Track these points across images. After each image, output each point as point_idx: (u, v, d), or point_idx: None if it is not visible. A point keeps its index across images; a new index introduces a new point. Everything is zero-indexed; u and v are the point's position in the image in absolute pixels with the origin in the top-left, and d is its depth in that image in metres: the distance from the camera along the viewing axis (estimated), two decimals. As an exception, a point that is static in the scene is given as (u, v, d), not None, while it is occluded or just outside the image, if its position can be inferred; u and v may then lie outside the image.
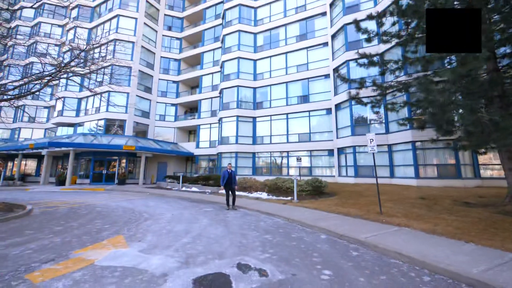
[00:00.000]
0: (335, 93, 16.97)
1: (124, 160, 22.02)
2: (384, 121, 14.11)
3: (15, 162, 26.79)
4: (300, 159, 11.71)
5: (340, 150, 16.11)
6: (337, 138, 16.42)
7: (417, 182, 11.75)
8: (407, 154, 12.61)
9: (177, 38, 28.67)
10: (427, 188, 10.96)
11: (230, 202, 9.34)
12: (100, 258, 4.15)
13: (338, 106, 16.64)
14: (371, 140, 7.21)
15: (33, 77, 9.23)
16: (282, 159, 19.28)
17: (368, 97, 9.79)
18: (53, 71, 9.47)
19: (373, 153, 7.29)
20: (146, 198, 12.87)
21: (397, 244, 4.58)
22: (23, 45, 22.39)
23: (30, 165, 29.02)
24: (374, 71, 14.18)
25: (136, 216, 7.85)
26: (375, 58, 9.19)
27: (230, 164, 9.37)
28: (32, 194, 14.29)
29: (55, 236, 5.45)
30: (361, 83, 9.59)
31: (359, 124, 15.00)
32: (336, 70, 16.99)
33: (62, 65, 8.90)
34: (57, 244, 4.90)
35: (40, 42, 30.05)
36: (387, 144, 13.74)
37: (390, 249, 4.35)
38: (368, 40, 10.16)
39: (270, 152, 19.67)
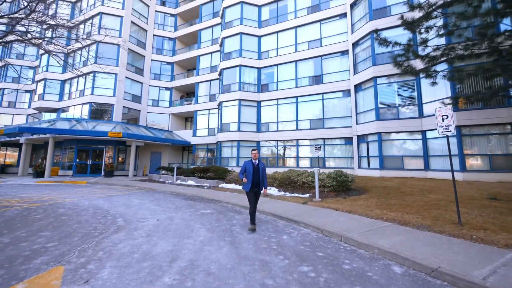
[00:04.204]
0: (355, 72, 14.54)
1: (112, 150, 19.65)
2: (417, 103, 11.80)
3: (-6, 151, 24.39)
4: (320, 147, 9.50)
5: (361, 138, 13.84)
6: (356, 124, 14.11)
7: (463, 175, 9.58)
8: (450, 142, 10.37)
9: (172, 15, 25.75)
10: (479, 183, 8.80)
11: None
12: None
13: (358, 87, 14.25)
14: (444, 117, 4.92)
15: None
16: (288, 148, 17.03)
17: (425, 69, 7.33)
18: None
19: (447, 137, 5.02)
20: (132, 193, 10.65)
21: None
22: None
23: (12, 155, 26.64)
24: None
25: (105, 224, 5.61)
26: (436, 13, 6.70)
27: (255, 150, 5.47)
28: (-4, 188, 12.01)
29: None
30: (409, 46, 7.21)
31: (385, 107, 12.67)
32: (356, 44, 14.52)
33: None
34: None
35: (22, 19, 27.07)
36: (421, 130, 11.49)
37: None
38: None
39: (277, 140, 17.38)
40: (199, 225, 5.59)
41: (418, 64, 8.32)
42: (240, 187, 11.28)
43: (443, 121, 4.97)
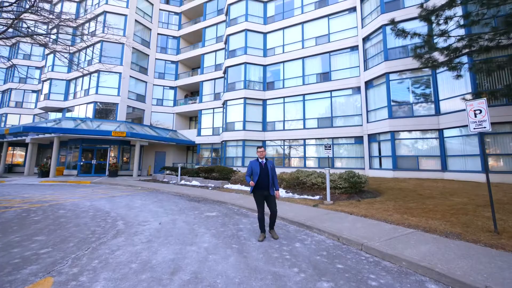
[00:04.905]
0: (365, 68, 13.97)
1: (116, 149, 19.48)
2: (433, 100, 11.18)
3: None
4: (330, 147, 9.02)
5: (372, 137, 13.27)
6: (367, 122, 13.55)
7: (485, 177, 8.95)
8: (470, 141, 9.76)
9: (176, 13, 25.51)
10: (505, 185, 8.18)
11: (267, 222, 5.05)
12: None
13: (369, 84, 13.68)
14: (477, 112, 4.40)
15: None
16: (294, 148, 16.55)
17: (448, 61, 6.74)
18: None
19: (480, 134, 4.50)
20: (135, 194, 10.34)
21: None
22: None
23: (21, 155, 26.81)
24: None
25: (105, 227, 5.27)
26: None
27: (261, 148, 4.77)
28: (1, 188, 11.88)
29: None
30: (429, 36, 6.68)
31: (398, 105, 12.08)
32: (366, 39, 13.95)
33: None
34: None
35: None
36: (438, 129, 10.88)
37: None
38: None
39: (283, 140, 16.92)
40: (204, 229, 5.19)
41: (437, 57, 7.76)
42: (246, 188, 10.87)
43: (475, 117, 4.44)
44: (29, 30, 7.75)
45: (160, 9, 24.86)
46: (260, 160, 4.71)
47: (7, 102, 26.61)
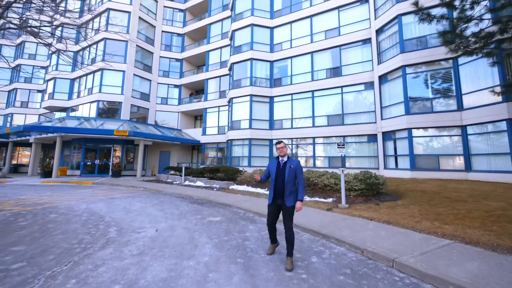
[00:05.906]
0: (379, 62, 13.11)
1: (120, 149, 19.10)
2: (455, 94, 10.28)
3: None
4: (343, 145, 8.30)
5: (387, 135, 12.43)
6: (381, 119, 12.70)
7: (519, 178, 8.08)
8: (498, 138, 8.86)
9: (180, 10, 25.05)
10: (541, 187, 7.30)
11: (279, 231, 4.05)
12: None
13: (383, 78, 12.82)
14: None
15: None
16: (301, 147, 15.80)
17: (482, 47, 5.93)
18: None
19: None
20: (135, 196, 9.81)
21: None
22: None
23: (26, 155, 26.83)
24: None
25: (94, 235, 4.70)
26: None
27: (281, 143, 3.67)
28: (0, 189, 11.55)
29: None
30: (459, 19, 5.89)
31: (416, 100, 11.19)
32: (380, 31, 13.09)
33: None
34: None
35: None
36: (460, 125, 9.98)
37: None
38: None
39: (291, 138, 16.18)
40: (205, 238, 4.56)
41: (466, 43, 6.93)
42: (253, 189, 10.23)
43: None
44: (22, 21, 7.28)
45: (164, 6, 24.45)
46: (280, 159, 3.69)
47: (13, 102, 26.64)
